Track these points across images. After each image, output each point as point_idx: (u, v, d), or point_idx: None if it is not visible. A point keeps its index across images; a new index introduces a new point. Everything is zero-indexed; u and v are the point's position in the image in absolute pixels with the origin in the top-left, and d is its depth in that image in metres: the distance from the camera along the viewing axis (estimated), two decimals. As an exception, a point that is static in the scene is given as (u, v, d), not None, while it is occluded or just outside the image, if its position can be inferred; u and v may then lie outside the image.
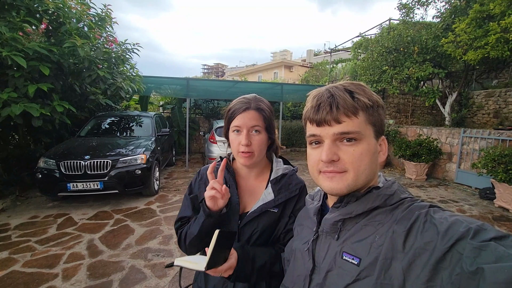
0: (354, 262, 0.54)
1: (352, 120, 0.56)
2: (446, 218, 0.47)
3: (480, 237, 0.42)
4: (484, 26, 5.45)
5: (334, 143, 0.57)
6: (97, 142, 4.87)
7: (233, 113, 0.88)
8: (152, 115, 6.19)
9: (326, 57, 20.93)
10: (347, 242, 0.57)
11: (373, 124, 0.57)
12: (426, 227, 0.48)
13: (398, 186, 0.59)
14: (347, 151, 0.56)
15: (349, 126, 0.55)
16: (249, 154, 0.86)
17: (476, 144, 5.65)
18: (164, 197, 4.86)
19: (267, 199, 0.89)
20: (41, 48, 3.63)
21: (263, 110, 0.88)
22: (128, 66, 5.77)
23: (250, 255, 0.79)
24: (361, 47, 9.16)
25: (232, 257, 0.74)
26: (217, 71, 59.77)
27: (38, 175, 4.04)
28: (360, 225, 0.57)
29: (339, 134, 0.56)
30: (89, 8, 4.76)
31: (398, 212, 0.53)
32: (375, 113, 0.58)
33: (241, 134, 0.86)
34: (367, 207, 0.56)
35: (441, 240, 0.44)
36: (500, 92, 7.86)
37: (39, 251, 2.96)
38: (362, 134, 0.56)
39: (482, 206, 4.66)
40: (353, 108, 0.55)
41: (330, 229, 0.61)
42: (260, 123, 0.87)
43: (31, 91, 3.59)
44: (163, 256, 2.92)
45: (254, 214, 0.88)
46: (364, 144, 0.56)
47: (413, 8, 7.38)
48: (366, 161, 0.56)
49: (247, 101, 0.89)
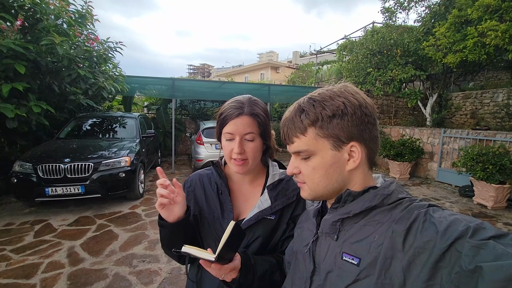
0: (354, 262, 0.54)
1: (301, 139, 0.59)
2: (446, 217, 0.47)
3: (479, 235, 0.42)
4: (462, 30, 5.69)
5: (297, 158, 0.62)
6: (78, 144, 4.66)
7: (225, 118, 0.80)
8: (136, 116, 6.01)
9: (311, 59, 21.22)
10: (346, 243, 0.57)
11: (327, 137, 0.57)
12: (426, 226, 0.48)
13: (396, 186, 0.59)
14: (303, 166, 0.61)
15: (298, 146, 0.60)
16: (242, 162, 0.81)
17: (455, 144, 5.88)
18: (150, 200, 4.72)
19: (263, 206, 0.84)
20: (16, 45, 3.43)
21: (258, 115, 0.81)
22: (110, 65, 5.59)
23: (252, 261, 0.75)
24: (346, 49, 9.35)
25: (237, 259, 0.70)
26: (203, 71, 59.22)
27: (13, 180, 3.81)
28: (359, 225, 0.57)
29: (294, 152, 0.62)
30: (68, 5, 4.56)
31: (397, 212, 0.53)
32: (328, 125, 0.57)
33: (233, 141, 0.80)
34: (364, 207, 0.56)
35: (440, 239, 0.44)
36: (476, 94, 8.24)
37: (15, 260, 2.78)
38: (313, 150, 0.58)
39: (462, 204, 4.85)
40: (300, 129, 0.59)
41: (329, 229, 0.61)
42: (254, 129, 0.80)
43: (5, 91, 3.38)
44: (149, 262, 2.82)
45: (250, 222, 0.83)
46: (317, 158, 0.59)
47: (395, 12, 7.62)
48: (319, 174, 0.59)
49: (240, 105, 0.81)
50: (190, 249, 0.67)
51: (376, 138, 0.60)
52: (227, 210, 0.86)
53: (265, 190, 0.87)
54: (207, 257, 0.64)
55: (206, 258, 0.64)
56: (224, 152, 0.84)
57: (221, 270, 0.67)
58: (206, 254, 0.65)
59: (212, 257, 0.63)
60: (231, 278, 0.70)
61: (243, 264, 0.71)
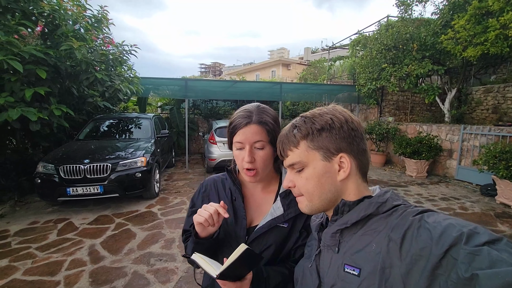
0: (355, 273, 0.55)
1: (294, 152, 0.64)
2: (440, 222, 0.48)
3: (473, 241, 0.43)
4: (483, 22, 5.43)
5: (292, 172, 0.66)
6: (96, 145, 4.82)
7: (234, 128, 0.82)
8: (151, 117, 6.14)
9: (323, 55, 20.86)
10: (347, 254, 0.58)
11: (317, 148, 0.61)
12: (420, 233, 0.48)
13: (391, 194, 0.60)
14: (298, 178, 0.64)
15: (292, 158, 0.64)
16: (253, 172, 0.82)
17: (476, 141, 5.65)
18: (165, 199, 4.83)
19: (276, 214, 0.85)
20: (38, 51, 3.57)
21: (266, 123, 0.82)
22: (125, 67, 5.72)
23: (264, 275, 0.76)
24: (359, 44, 9.14)
25: (247, 279, 0.70)
26: (215, 70, 59.58)
27: (37, 180, 4.00)
28: (358, 235, 0.58)
29: (288, 166, 0.66)
30: (85, 10, 4.70)
31: (393, 219, 0.54)
32: (318, 138, 0.61)
33: (244, 150, 0.81)
34: (360, 216, 0.58)
35: (435, 246, 0.45)
36: (498, 88, 7.85)
37: (40, 258, 2.92)
38: (305, 161, 0.62)
39: (484, 203, 4.67)
40: (292, 143, 0.64)
41: (330, 242, 0.63)
42: (263, 137, 0.81)
43: (28, 95, 3.53)
44: (166, 260, 2.89)
45: (262, 230, 0.84)
46: (310, 169, 0.62)
47: (411, 4, 7.35)
48: (312, 184, 0.62)
49: (248, 114, 0.83)
50: (198, 258, 0.68)
51: (364, 151, 0.64)
52: (241, 217, 0.87)
53: (278, 197, 0.87)
54: (209, 271, 0.64)
55: (208, 272, 0.64)
56: (236, 161, 0.85)
57: (226, 286, 0.68)
58: (210, 268, 0.65)
59: (214, 273, 0.63)
60: None
61: (254, 277, 0.72)
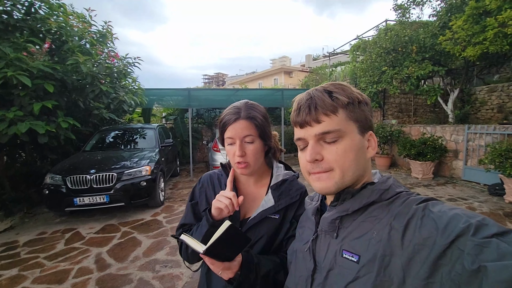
0: (353, 259, 0.54)
1: (332, 118, 0.56)
2: (445, 212, 0.46)
3: (482, 233, 0.41)
4: (481, 22, 5.45)
5: (318, 143, 0.58)
6: (102, 156, 4.92)
7: (224, 124, 0.86)
8: (155, 127, 6.25)
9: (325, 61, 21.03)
10: (346, 240, 0.57)
11: (355, 120, 0.58)
12: (424, 222, 0.47)
13: (393, 181, 0.59)
14: (331, 150, 0.57)
15: (329, 125, 0.56)
16: (244, 165, 0.85)
17: (481, 140, 5.59)
18: (170, 207, 4.86)
19: (267, 205, 0.88)
20: (45, 66, 3.71)
21: (254, 118, 0.85)
22: (130, 79, 5.87)
23: (254, 261, 0.78)
24: (359, 49, 9.20)
25: (236, 261, 0.72)
26: (218, 80, 60.31)
27: (45, 191, 4.08)
28: (358, 222, 0.57)
29: (321, 134, 0.57)
30: (90, 26, 4.89)
31: (395, 207, 0.53)
32: (357, 109, 0.58)
33: (234, 145, 0.85)
34: (362, 203, 0.56)
35: (440, 236, 0.43)
36: (502, 87, 7.80)
37: (48, 267, 2.96)
38: (344, 131, 0.56)
39: (492, 203, 4.58)
40: (331, 107, 0.56)
41: (328, 227, 0.61)
42: (252, 131, 0.84)
43: (36, 108, 3.66)
44: (171, 267, 2.90)
45: (254, 221, 0.87)
46: (347, 141, 0.57)
47: (408, 8, 7.43)
48: (350, 157, 0.56)
49: (237, 110, 0.86)
50: (186, 238, 0.70)
51: None
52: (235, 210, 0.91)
53: (269, 190, 0.91)
54: (197, 248, 0.66)
55: (196, 249, 0.66)
56: (228, 156, 0.89)
57: (214, 265, 0.69)
58: (197, 246, 0.67)
59: (201, 249, 0.64)
60: (228, 277, 0.72)
61: (244, 263, 0.74)
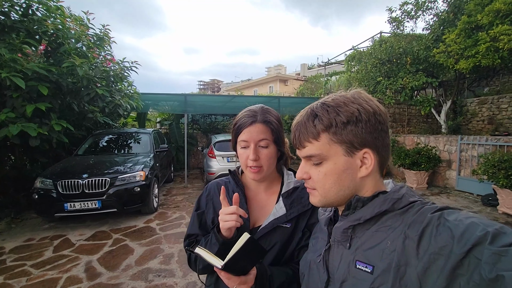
0: (367, 270, 0.53)
1: (313, 143, 0.58)
2: (462, 221, 0.45)
3: (499, 241, 0.40)
4: (473, 36, 5.62)
5: (307, 163, 0.61)
6: (95, 160, 4.81)
7: (239, 127, 0.84)
8: (150, 132, 6.17)
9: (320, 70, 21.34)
10: (359, 250, 0.56)
11: (341, 142, 0.56)
12: (440, 231, 0.46)
13: (407, 190, 0.57)
14: (314, 172, 0.60)
15: (311, 150, 0.58)
16: (257, 169, 0.83)
17: (474, 151, 5.68)
18: (164, 214, 4.76)
19: (278, 214, 0.85)
20: (40, 68, 3.65)
21: (271, 123, 0.84)
22: (126, 83, 5.82)
23: (268, 273, 0.75)
24: (354, 59, 9.36)
25: (251, 274, 0.70)
26: (213, 86, 60.50)
27: (35, 196, 3.95)
28: (371, 232, 0.56)
29: (305, 157, 0.61)
30: (87, 29, 4.85)
31: (409, 216, 0.52)
32: (343, 131, 0.56)
33: (248, 148, 0.83)
34: (374, 212, 0.55)
35: (457, 244, 0.42)
36: (492, 99, 8.02)
37: (35, 275, 2.84)
38: (325, 155, 0.57)
39: (486, 213, 4.62)
40: (312, 135, 0.58)
41: (341, 237, 0.60)
42: (268, 136, 0.83)
43: (29, 111, 3.58)
44: (165, 276, 2.81)
45: (265, 230, 0.84)
46: (330, 164, 0.58)
47: (403, 21, 7.63)
48: (330, 181, 0.58)
49: (253, 113, 0.84)
50: (202, 252, 0.66)
51: (388, 146, 0.59)
52: (244, 218, 0.87)
53: (280, 198, 0.88)
54: (214, 263, 0.63)
55: (213, 264, 0.63)
56: (240, 160, 0.86)
57: (230, 280, 0.67)
58: (215, 260, 0.64)
59: (219, 264, 0.62)
60: None
61: (258, 276, 0.71)
